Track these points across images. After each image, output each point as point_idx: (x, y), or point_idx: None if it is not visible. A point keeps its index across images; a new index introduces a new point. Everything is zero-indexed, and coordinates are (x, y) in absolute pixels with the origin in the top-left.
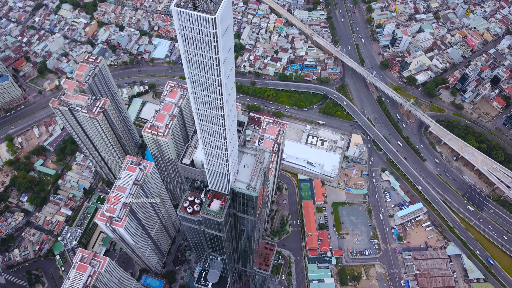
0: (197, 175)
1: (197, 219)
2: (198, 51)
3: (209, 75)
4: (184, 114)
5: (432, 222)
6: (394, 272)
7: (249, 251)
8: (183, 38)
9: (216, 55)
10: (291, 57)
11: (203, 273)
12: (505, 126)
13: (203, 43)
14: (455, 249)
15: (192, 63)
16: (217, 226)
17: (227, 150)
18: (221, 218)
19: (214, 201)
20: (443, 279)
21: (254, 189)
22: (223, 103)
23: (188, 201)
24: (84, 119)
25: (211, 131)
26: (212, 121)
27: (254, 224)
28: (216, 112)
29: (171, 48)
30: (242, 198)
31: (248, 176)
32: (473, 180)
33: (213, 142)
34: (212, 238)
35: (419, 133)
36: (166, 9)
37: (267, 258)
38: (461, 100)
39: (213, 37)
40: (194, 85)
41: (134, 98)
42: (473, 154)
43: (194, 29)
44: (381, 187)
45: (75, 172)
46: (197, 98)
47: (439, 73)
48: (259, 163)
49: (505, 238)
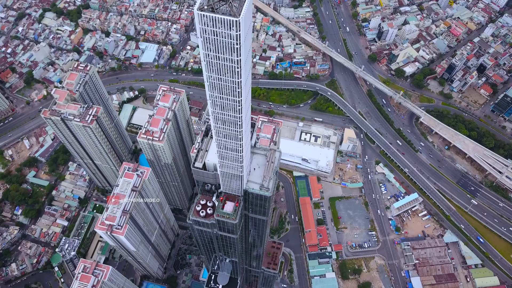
0: (209, 178)
1: (211, 222)
2: (219, 54)
3: (229, 78)
4: (178, 117)
5: (428, 211)
6: (394, 263)
7: (259, 251)
8: (204, 41)
9: (238, 57)
10: (279, 55)
11: (212, 276)
12: (493, 113)
13: (225, 45)
14: (452, 237)
15: (212, 66)
16: (231, 228)
17: (242, 151)
18: (236, 220)
19: (227, 203)
20: (442, 267)
21: (267, 189)
22: (242, 105)
23: (200, 205)
24: (77, 128)
25: (228, 133)
26: (229, 123)
27: (266, 224)
28: (234, 114)
29: (159, 52)
30: (255, 198)
31: (260, 176)
32: (465, 168)
33: (229, 145)
34: (224, 240)
35: (410, 124)
36: (151, 13)
37: (275, 257)
38: (449, 90)
39: (236, 39)
40: (212, 88)
41: (125, 104)
42: (464, 142)
43: (216, 32)
44: (376, 179)
45: (69, 182)
46: (215, 101)
47: (427, 64)
48: (271, 162)
49: (499, 222)
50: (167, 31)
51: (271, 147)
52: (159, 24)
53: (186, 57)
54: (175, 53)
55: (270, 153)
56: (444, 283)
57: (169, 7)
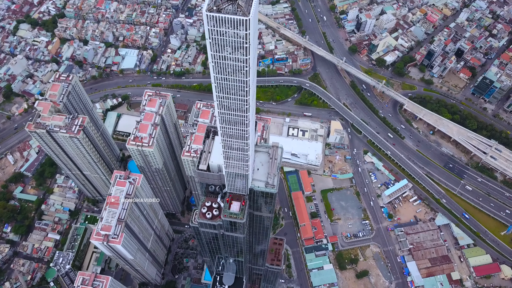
0: (214, 179)
1: (218, 224)
2: (228, 54)
3: (237, 77)
4: (165, 121)
5: (418, 196)
6: (389, 250)
7: (264, 248)
8: (212, 42)
9: (246, 56)
10: (261, 52)
11: (217, 277)
12: (474, 96)
13: (234, 45)
14: (443, 219)
15: (220, 67)
16: (238, 227)
17: (248, 151)
18: (243, 219)
19: (233, 203)
20: (436, 249)
21: (273, 186)
22: (249, 104)
23: (206, 207)
24: (64, 140)
25: (234, 133)
26: (236, 123)
27: (271, 221)
28: (241, 114)
29: (139, 57)
30: (261, 196)
31: (265, 174)
32: (451, 151)
33: (235, 145)
34: (231, 240)
35: (394, 112)
36: (129, 18)
37: (278, 253)
38: (430, 76)
39: (245, 38)
40: (220, 89)
41: (109, 112)
42: (448, 126)
43: (225, 33)
44: (365, 169)
45: (57, 195)
46: (222, 103)
47: (406, 52)
48: (274, 159)
49: (487, 202)
50: (146, 35)
51: (273, 143)
52: (137, 29)
53: (168, 61)
54: (156, 57)
55: (272, 150)
56: (439, 265)
57: (146, 11)
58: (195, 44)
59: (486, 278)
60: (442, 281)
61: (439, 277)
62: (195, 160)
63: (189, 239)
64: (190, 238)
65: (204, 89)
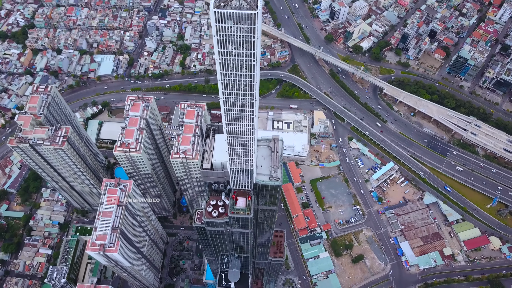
0: (219, 177)
1: (224, 221)
2: (235, 50)
3: (244, 72)
4: (151, 125)
5: (405, 177)
6: (382, 232)
7: (268, 242)
8: (220, 39)
9: (253, 51)
10: None
11: (222, 275)
12: (450, 75)
13: (242, 40)
14: (431, 198)
15: (227, 64)
16: (245, 223)
17: (253, 146)
18: (250, 214)
19: (239, 199)
20: (427, 227)
21: (277, 178)
22: (255, 98)
23: (211, 206)
24: (49, 152)
25: (240, 129)
26: (241, 119)
27: (274, 214)
28: (247, 109)
29: (116, 62)
30: (265, 190)
31: (268, 167)
32: (433, 131)
33: (241, 141)
34: (237, 236)
35: (375, 97)
36: (101, 24)
37: (280, 245)
38: (406, 58)
39: (253, 32)
40: (227, 86)
41: (90, 120)
42: (427, 107)
43: (233, 29)
44: (351, 155)
45: (45, 209)
46: (228, 99)
47: (381, 37)
48: (276, 152)
49: (471, 177)
50: (120, 40)
51: (273, 136)
52: (111, 34)
53: (145, 64)
54: (133, 61)
55: (274, 143)
56: (431, 242)
57: (119, 15)
58: (171, 45)
59: (477, 250)
60: (435, 258)
61: (432, 254)
62: (185, 162)
63: (184, 241)
64: (185, 240)
65: (184, 89)
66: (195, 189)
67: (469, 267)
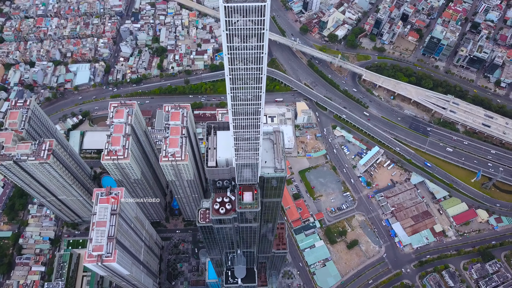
0: (225, 174)
1: (232, 217)
2: (244, 43)
3: (251, 65)
4: (136, 130)
5: (391, 160)
6: (373, 216)
7: (271, 234)
8: (229, 34)
9: (262, 43)
10: (215, 46)
11: (228, 272)
12: (425, 56)
13: (251, 33)
14: (418, 178)
15: (236, 58)
16: (253, 217)
17: (259, 139)
18: (258, 207)
19: (245, 194)
20: (416, 207)
21: (282, 170)
22: (262, 91)
23: (218, 203)
24: (34, 167)
25: (247, 124)
26: (249, 113)
27: (279, 205)
28: (254, 102)
29: (92, 70)
30: (270, 182)
31: (271, 159)
32: (413, 112)
33: (247, 135)
34: (244, 232)
35: (354, 83)
36: (73, 32)
37: (282, 237)
38: (381, 43)
39: (262, 24)
40: (235, 81)
41: (71, 131)
42: (406, 89)
43: (242, 22)
44: (337, 143)
45: (34, 225)
46: (236, 94)
47: (355, 24)
48: (278, 144)
49: (454, 153)
50: (95, 47)
51: (274, 129)
52: (84, 42)
53: (122, 69)
54: (110, 68)
55: (275, 135)
56: (421, 221)
57: (90, 22)
58: (147, 48)
59: (466, 224)
60: (427, 236)
61: (424, 232)
62: (174, 164)
63: (179, 244)
64: (180, 242)
65: (164, 92)
66: (186, 191)
67: (460, 241)
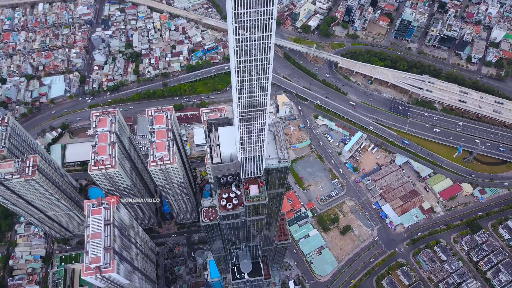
0: (230, 169)
1: (240, 211)
2: (252, 34)
3: (259, 56)
4: (121, 138)
5: (374, 144)
6: (363, 200)
7: (275, 226)
8: (238, 26)
9: (270, 32)
10: (190, 46)
11: (234, 268)
12: (397, 39)
13: (259, 24)
14: (402, 158)
15: (244, 50)
16: (260, 210)
17: (265, 130)
18: (266, 199)
19: (251, 187)
20: (403, 187)
21: (285, 159)
22: (269, 81)
23: (224, 199)
24: (20, 185)
25: (253, 116)
26: (255, 105)
27: (283, 196)
28: (261, 93)
29: (67, 82)
30: (275, 173)
31: (274, 150)
32: (391, 95)
33: (253, 127)
34: (252, 225)
35: (331, 72)
36: (43, 45)
37: (283, 228)
38: (354, 30)
39: (270, 14)
40: (242, 73)
41: (51, 146)
42: (382, 73)
43: (251, 13)
44: (320, 132)
45: (23, 245)
46: (244, 86)
47: (326, 13)
48: (279, 134)
49: (435, 131)
50: (67, 58)
51: (273, 120)
52: (56, 53)
53: (98, 78)
54: (85, 78)
55: (275, 126)
56: (409, 200)
57: (60, 33)
58: (121, 54)
59: (452, 199)
60: (416, 214)
61: (413, 211)
62: (164, 168)
63: (174, 248)
64: (174, 246)
65: (143, 97)
66: (177, 194)
67: (448, 216)
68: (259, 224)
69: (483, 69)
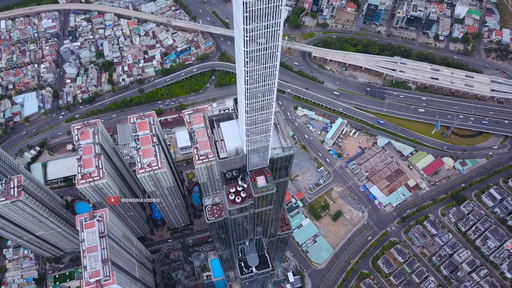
0: (237, 162)
1: (249, 204)
2: (262, 23)
3: (269, 44)
4: (105, 148)
5: (355, 128)
6: (351, 184)
7: (279, 216)
8: (249, 15)
9: (279, 20)
10: (162, 50)
11: (241, 263)
12: (366, 24)
13: (269, 11)
14: (384, 140)
15: (254, 39)
16: (269, 200)
17: (271, 119)
18: (274, 188)
19: (258, 179)
20: (388, 167)
21: (289, 148)
22: (277, 68)
23: (233, 194)
24: (6, 208)
25: (260, 106)
26: (263, 95)
27: (286, 185)
28: (269, 81)
29: (40, 98)
30: (280, 162)
31: (277, 140)
32: (366, 79)
33: (259, 117)
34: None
35: (306, 62)
36: (10, 63)
37: (284, 218)
38: (323, 19)
39: (278, 1)
40: (252, 62)
41: (31, 165)
42: (355, 58)
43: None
44: (301, 122)
45: (13, 269)
46: (252, 76)
47: (294, 4)
48: (280, 124)
49: (411, 110)
50: (37, 74)
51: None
52: (25, 70)
53: (71, 91)
54: (58, 92)
55: (275, 116)
56: (395, 179)
57: (27, 49)
58: (93, 65)
59: (435, 174)
60: (403, 192)
61: (400, 190)
62: (153, 174)
63: (169, 253)
64: (170, 252)
65: (120, 106)
66: (167, 198)
67: (433, 191)
68: (266, 215)
69: (451, 45)
